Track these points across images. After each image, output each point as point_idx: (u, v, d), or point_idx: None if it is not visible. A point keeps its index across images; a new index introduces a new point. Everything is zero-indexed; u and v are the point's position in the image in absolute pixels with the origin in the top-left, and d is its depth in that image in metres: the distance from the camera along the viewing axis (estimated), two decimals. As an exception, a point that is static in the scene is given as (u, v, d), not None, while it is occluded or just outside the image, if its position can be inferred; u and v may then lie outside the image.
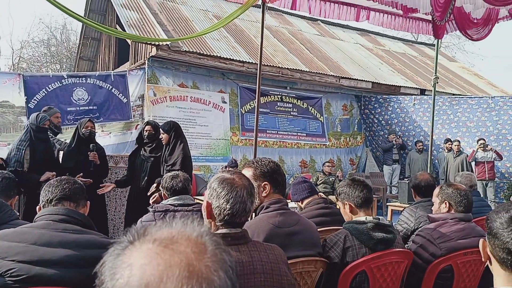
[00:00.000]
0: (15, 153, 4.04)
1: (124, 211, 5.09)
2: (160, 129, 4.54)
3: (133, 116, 7.97)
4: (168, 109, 7.96)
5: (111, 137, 7.75)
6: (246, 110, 8.95)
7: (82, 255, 1.56)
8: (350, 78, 9.90)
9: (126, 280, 0.53)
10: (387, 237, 2.18)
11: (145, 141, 4.63)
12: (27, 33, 30.73)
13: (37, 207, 1.80)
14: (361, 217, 2.25)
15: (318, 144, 9.82)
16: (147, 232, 0.60)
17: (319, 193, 3.32)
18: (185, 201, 2.68)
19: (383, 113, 10.31)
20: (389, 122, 10.22)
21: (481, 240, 1.33)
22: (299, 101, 9.65)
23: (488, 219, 1.32)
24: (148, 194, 4.14)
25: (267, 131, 9.02)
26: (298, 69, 9.18)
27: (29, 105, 6.97)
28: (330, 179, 8.02)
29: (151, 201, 3.97)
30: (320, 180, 7.90)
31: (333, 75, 9.64)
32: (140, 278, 0.53)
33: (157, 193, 4.06)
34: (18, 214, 2.22)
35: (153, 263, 0.54)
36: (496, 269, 1.26)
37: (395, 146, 9.60)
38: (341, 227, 2.88)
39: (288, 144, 9.41)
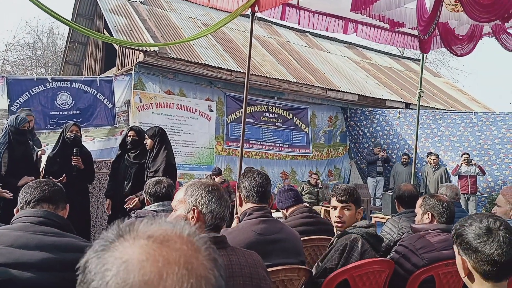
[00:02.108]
0: None
1: (106, 218, 5.01)
2: (146, 134, 4.49)
3: (118, 122, 7.89)
4: (154, 115, 7.91)
5: (95, 143, 7.65)
6: (232, 120, 8.95)
7: (60, 259, 1.52)
8: (336, 90, 10.00)
9: (123, 277, 0.51)
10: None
11: (128, 147, 4.57)
12: (12, 36, 30.36)
13: (15, 209, 1.75)
14: (362, 222, 2.29)
15: (299, 156, 9.86)
16: (136, 228, 0.57)
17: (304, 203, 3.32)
18: (168, 207, 2.64)
19: (368, 125, 10.42)
20: (374, 134, 10.33)
21: (458, 258, 1.32)
22: (285, 111, 9.70)
23: (460, 235, 1.29)
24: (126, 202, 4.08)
25: (250, 142, 9.02)
26: (286, 80, 9.23)
27: (11, 108, 6.85)
28: (315, 190, 8.04)
29: (130, 205, 3.92)
30: (306, 191, 7.91)
31: (320, 87, 9.72)
32: (139, 275, 0.51)
33: (136, 198, 4.02)
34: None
35: (151, 259, 0.52)
36: (478, 283, 1.24)
37: (380, 159, 9.70)
38: (325, 237, 2.90)
39: (270, 155, 9.43)
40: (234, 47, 9.81)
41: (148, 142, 4.38)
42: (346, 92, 10.12)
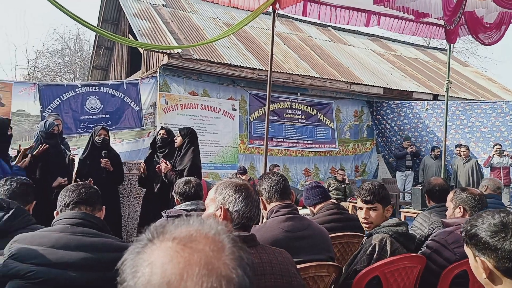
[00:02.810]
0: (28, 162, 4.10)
1: (137, 217, 5.14)
2: (178, 132, 4.57)
3: (145, 124, 8.04)
4: (179, 116, 8.03)
5: (124, 145, 7.83)
6: (255, 118, 8.98)
7: (99, 258, 1.59)
8: (361, 84, 9.88)
9: (148, 278, 0.55)
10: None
11: (158, 145, 4.67)
12: (42, 43, 31.35)
13: (55, 212, 1.84)
14: (392, 220, 2.26)
15: (324, 152, 9.79)
16: (165, 230, 0.61)
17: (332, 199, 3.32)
18: (197, 206, 2.70)
19: (395, 118, 10.25)
20: (402, 127, 10.15)
21: (473, 260, 1.26)
22: (309, 107, 9.65)
23: (474, 236, 1.23)
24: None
25: (273, 139, 9.01)
26: (309, 75, 9.19)
27: (44, 114, 7.08)
28: (342, 186, 7.99)
29: (162, 168, 4.10)
30: (332, 187, 7.87)
31: (344, 81, 9.63)
32: (161, 277, 0.54)
33: (167, 165, 4.16)
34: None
35: (173, 261, 0.56)
36: (502, 282, 1.19)
37: (409, 154, 9.51)
38: (354, 233, 2.89)
39: (293, 152, 9.40)
40: (256, 45, 9.83)
41: (178, 139, 4.46)
42: (371, 85, 9.98)
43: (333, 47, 12.02)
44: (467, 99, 10.70)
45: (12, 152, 6.57)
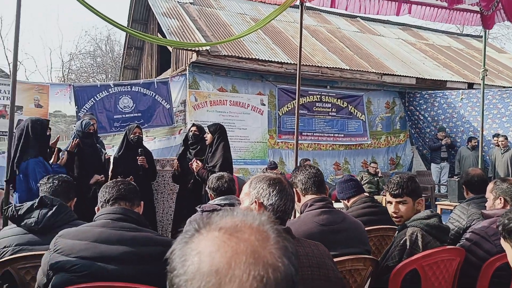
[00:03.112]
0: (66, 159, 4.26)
1: (172, 213, 5.24)
2: (207, 128, 4.64)
3: (176, 121, 8.17)
4: (209, 113, 8.10)
5: (156, 142, 7.98)
6: (284, 112, 8.94)
7: (139, 252, 1.64)
8: (392, 75, 9.67)
9: (197, 266, 0.57)
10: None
11: (190, 142, 4.74)
12: (75, 46, 32.35)
13: (96, 208, 1.91)
14: (423, 213, 2.21)
15: (354, 145, 9.64)
16: (211, 221, 0.63)
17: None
18: (231, 200, 2.73)
19: (429, 109, 9.97)
20: (436, 118, 9.87)
21: None
22: (339, 100, 9.52)
23: (511, 231, 1.18)
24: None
25: (303, 133, 8.94)
26: (338, 68, 9.07)
27: (79, 114, 7.31)
28: (375, 179, 7.87)
29: (194, 167, 4.21)
30: (365, 180, 7.77)
31: (375, 72, 9.45)
32: (210, 265, 0.56)
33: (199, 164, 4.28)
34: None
35: (221, 250, 0.57)
36: None
37: (444, 145, 9.24)
38: (390, 226, 2.85)
39: (323, 146, 9.30)
40: (284, 39, 9.78)
41: (208, 137, 4.52)
42: (403, 76, 9.75)
43: (363, 38, 11.80)
44: (504, 87, 10.27)
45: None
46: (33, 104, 7.21)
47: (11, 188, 3.73)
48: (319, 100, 9.27)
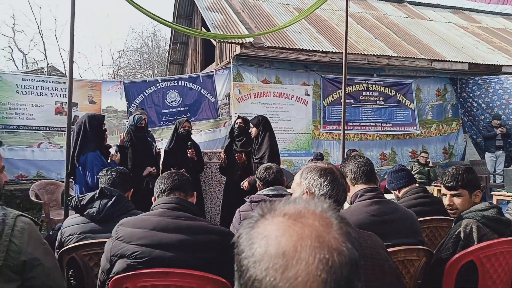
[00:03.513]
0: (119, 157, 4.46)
1: (220, 204, 5.35)
2: (250, 123, 4.69)
3: (221, 114, 8.29)
4: (253, 105, 8.15)
5: (202, 135, 8.15)
6: (329, 102, 8.81)
7: (195, 240, 1.71)
8: (443, 61, 9.25)
9: (264, 249, 0.59)
10: None
11: (235, 134, 4.81)
12: (123, 43, 33.55)
13: (153, 198, 2.00)
14: (481, 204, 2.13)
15: (403, 135, 9.33)
16: (275, 208, 0.66)
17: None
18: (279, 191, 2.75)
19: (483, 95, 9.47)
20: (491, 105, 9.36)
21: None
22: (386, 88, 9.25)
23: None
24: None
25: (349, 123, 8.75)
26: (385, 55, 8.81)
27: (130, 109, 7.60)
28: (426, 169, 7.61)
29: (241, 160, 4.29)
30: (415, 170, 7.54)
31: (424, 58, 9.09)
32: (277, 248, 0.58)
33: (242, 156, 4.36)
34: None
35: (286, 234, 0.60)
36: None
37: (499, 134, 8.75)
38: (441, 217, 2.76)
39: (370, 136, 9.07)
40: (328, 28, 9.62)
41: (253, 130, 4.57)
42: (454, 61, 9.31)
43: (411, 24, 11.37)
44: None
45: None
46: (87, 101, 7.59)
47: (71, 180, 3.97)
48: (365, 89, 9.06)
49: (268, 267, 0.57)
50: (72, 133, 3.94)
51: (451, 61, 9.28)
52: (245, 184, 4.39)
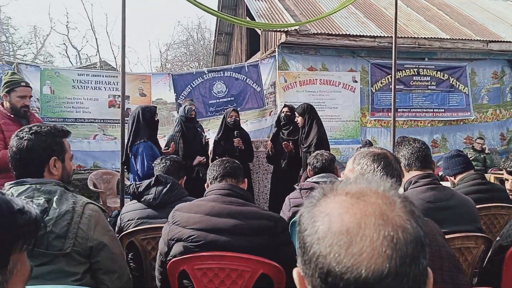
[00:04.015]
0: (172, 143, 4.61)
1: (267, 192, 5.40)
2: (295, 112, 4.67)
3: (267, 103, 8.30)
4: (298, 94, 8.09)
5: (248, 125, 8.20)
6: (377, 89, 8.57)
7: (247, 225, 1.75)
8: (500, 41, 8.71)
9: (328, 226, 0.60)
10: None
11: (282, 123, 4.82)
12: (170, 36, 34.40)
13: (205, 184, 2.07)
14: None
15: (455, 121, 8.90)
16: (336, 187, 0.66)
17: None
18: (329, 178, 2.74)
19: (545, 77, 8.84)
20: (554, 87, 8.72)
21: None
22: (439, 72, 8.85)
23: None
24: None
25: (399, 110, 8.43)
26: (437, 38, 8.43)
27: (178, 101, 7.79)
28: (482, 156, 7.25)
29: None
30: (470, 157, 7.20)
31: (480, 40, 8.60)
32: (340, 225, 0.59)
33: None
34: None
35: (350, 212, 0.60)
36: None
37: None
38: (500, 204, 2.63)
39: (421, 122, 8.73)
40: (376, 11, 9.33)
41: (299, 119, 4.56)
42: (512, 41, 8.75)
43: (464, 3, 10.77)
44: None
45: (158, 137, 7.38)
46: (138, 93, 7.86)
47: (125, 169, 4.15)
48: (416, 73, 8.72)
49: (332, 244, 0.58)
50: (126, 124, 4.12)
51: (509, 42, 8.72)
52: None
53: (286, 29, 7.60)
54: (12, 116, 3.22)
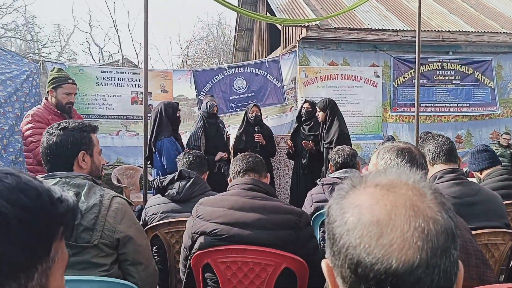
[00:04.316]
0: (194, 139, 4.65)
1: (288, 187, 5.40)
2: (316, 107, 4.65)
3: (287, 99, 8.28)
4: (319, 89, 8.04)
5: (268, 120, 8.19)
6: (400, 83, 8.44)
7: (270, 219, 1.76)
8: (529, 33, 8.45)
9: (358, 217, 0.61)
10: None
11: (303, 118, 4.80)
12: (190, 33, 34.64)
13: (228, 179, 2.09)
14: None
15: (480, 116, 8.68)
16: (366, 179, 0.67)
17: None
18: (351, 174, 2.72)
19: None
20: None
21: None
22: (463, 67, 8.65)
23: None
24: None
25: (421, 105, 8.25)
26: (462, 31, 8.23)
27: (199, 97, 7.85)
28: (508, 152, 7.06)
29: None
30: (496, 153, 7.02)
31: (506, 33, 8.36)
32: (370, 216, 0.60)
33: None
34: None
35: (380, 203, 0.60)
36: None
37: None
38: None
39: (444, 118, 8.55)
40: (398, 5, 9.18)
41: (319, 114, 4.53)
42: (542, 33, 8.47)
43: (490, -5, 10.48)
44: None
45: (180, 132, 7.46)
46: (159, 90, 7.95)
47: (149, 165, 4.22)
48: (440, 67, 8.54)
49: (362, 235, 0.58)
50: (148, 120, 4.18)
51: (538, 34, 8.45)
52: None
53: (307, 24, 7.55)
54: (58, 111, 3.29)
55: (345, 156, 2.79)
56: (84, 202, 1.57)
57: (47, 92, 3.37)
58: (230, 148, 5.14)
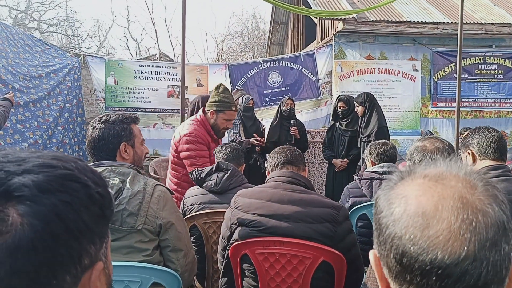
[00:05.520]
0: (233, 132, 4.71)
1: (323, 182, 5.37)
2: (354, 102, 4.59)
3: (322, 93, 8.20)
4: (355, 83, 7.92)
5: (303, 115, 8.16)
6: (439, 77, 8.17)
7: (308, 212, 1.77)
8: None
9: (404, 208, 0.61)
10: None
11: (340, 116, 4.76)
12: (225, 27, 34.83)
13: (266, 171, 2.11)
14: None
15: (523, 112, 8.29)
16: (415, 170, 0.66)
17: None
18: (389, 168, 2.68)
19: None
20: None
21: None
22: (507, 60, 8.28)
23: None
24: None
25: (462, 100, 7.98)
26: (506, 23, 7.86)
27: (233, 91, 7.90)
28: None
29: None
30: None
31: (554, 24, 7.93)
32: (416, 207, 0.60)
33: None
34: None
35: (427, 194, 0.60)
36: None
37: None
38: None
39: (486, 113, 8.22)
40: (439, -3, 8.87)
41: (359, 109, 4.48)
42: None
43: (539, -16, 9.93)
44: None
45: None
46: (195, 84, 8.06)
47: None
48: (482, 61, 8.21)
49: (408, 225, 0.59)
50: (186, 113, 4.26)
51: None
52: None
53: (343, 17, 7.43)
54: (212, 132, 3.18)
55: (384, 150, 2.74)
56: (129, 188, 1.64)
57: (209, 112, 3.18)
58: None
